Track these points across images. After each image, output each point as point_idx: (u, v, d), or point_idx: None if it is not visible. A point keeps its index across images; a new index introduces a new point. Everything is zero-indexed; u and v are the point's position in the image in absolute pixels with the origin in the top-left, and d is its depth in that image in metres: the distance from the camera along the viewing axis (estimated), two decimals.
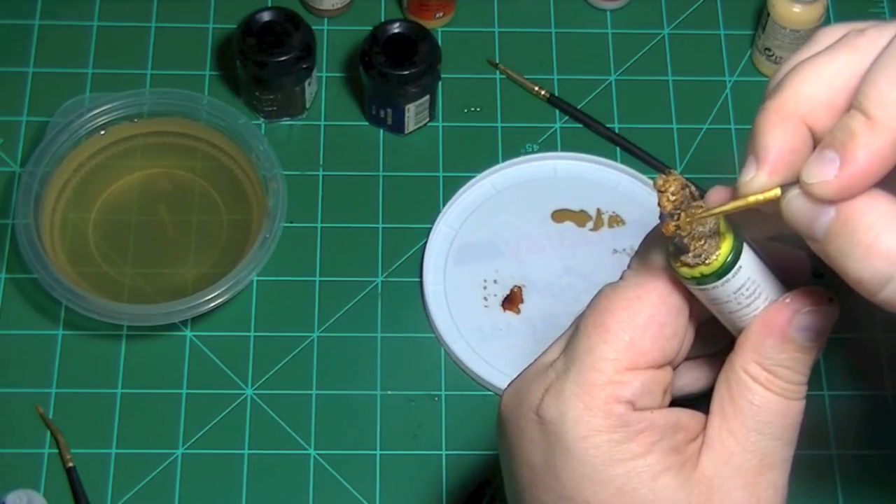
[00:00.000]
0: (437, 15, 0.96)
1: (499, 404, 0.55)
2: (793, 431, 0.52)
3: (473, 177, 0.91)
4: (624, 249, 0.89)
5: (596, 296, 0.53)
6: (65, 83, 0.93)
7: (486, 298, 0.87)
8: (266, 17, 0.89)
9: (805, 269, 0.55)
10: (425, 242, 0.88)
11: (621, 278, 0.53)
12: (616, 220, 0.90)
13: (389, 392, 0.84)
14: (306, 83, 0.91)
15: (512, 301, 0.87)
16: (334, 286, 0.87)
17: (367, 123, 0.93)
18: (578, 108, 0.95)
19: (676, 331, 0.52)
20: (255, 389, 0.84)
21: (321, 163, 0.92)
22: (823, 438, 0.83)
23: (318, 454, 0.82)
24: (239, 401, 0.83)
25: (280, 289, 0.87)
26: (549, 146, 0.93)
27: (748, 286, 0.50)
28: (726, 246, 0.49)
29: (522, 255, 0.89)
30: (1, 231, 0.88)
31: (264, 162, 0.87)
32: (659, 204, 0.48)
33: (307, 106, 0.93)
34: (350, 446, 0.82)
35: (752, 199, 0.48)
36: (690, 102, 0.95)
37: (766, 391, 0.51)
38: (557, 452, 0.51)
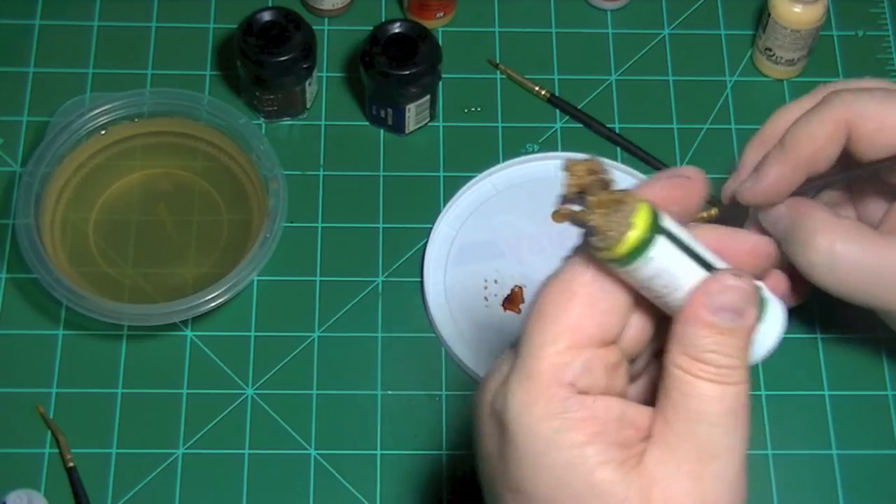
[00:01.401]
0: (438, 15, 0.96)
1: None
2: (733, 418, 0.51)
3: (474, 177, 0.91)
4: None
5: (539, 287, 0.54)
6: (65, 83, 0.93)
7: (486, 298, 0.87)
8: (266, 17, 0.89)
9: (765, 252, 0.55)
10: (426, 242, 0.88)
11: (559, 267, 0.54)
12: None
13: (390, 392, 0.84)
14: (307, 83, 0.91)
15: (512, 301, 0.87)
16: (335, 286, 0.87)
17: (367, 123, 0.93)
18: (579, 108, 0.95)
19: (614, 307, 0.52)
20: (255, 389, 0.84)
21: (321, 163, 0.92)
22: (823, 438, 0.83)
23: (318, 454, 0.82)
24: (239, 401, 0.83)
25: (280, 289, 0.87)
26: (549, 146, 0.93)
27: (662, 276, 0.50)
28: (634, 235, 0.49)
29: (523, 255, 0.89)
30: (1, 231, 0.88)
31: (265, 162, 0.87)
32: (563, 184, 0.49)
33: (307, 106, 0.93)
34: (350, 446, 0.82)
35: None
36: (691, 102, 0.95)
37: (697, 380, 0.51)
38: (505, 443, 0.52)
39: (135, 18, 0.97)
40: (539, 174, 0.92)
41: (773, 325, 0.55)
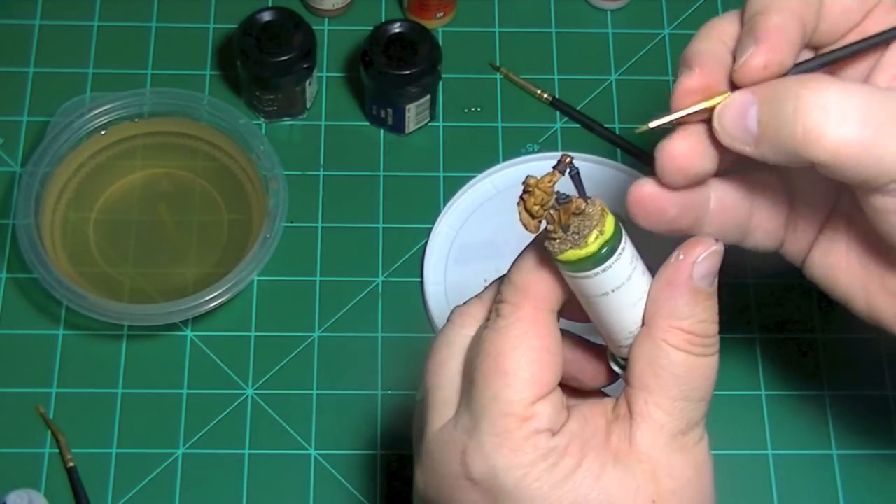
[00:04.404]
0: (438, 15, 0.96)
1: (419, 496, 0.56)
2: (712, 388, 0.53)
3: (474, 177, 0.91)
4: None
5: (479, 345, 0.53)
6: (65, 83, 0.93)
7: None
8: (266, 17, 0.89)
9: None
10: (426, 242, 0.88)
11: (497, 314, 0.53)
12: None
13: (390, 392, 0.84)
14: (307, 83, 0.91)
15: None
16: (335, 286, 0.87)
17: (367, 123, 0.93)
18: (578, 108, 0.94)
19: (559, 347, 0.53)
20: (255, 389, 0.84)
21: (322, 163, 0.92)
22: (823, 438, 0.84)
23: (318, 454, 0.82)
24: (239, 401, 0.83)
25: (280, 289, 0.87)
26: (549, 146, 0.93)
27: (622, 272, 0.51)
28: (608, 230, 0.51)
29: None
30: (1, 231, 0.88)
31: (265, 162, 0.87)
32: (525, 207, 0.49)
33: (308, 106, 0.93)
34: (350, 446, 0.82)
35: (689, 110, 0.55)
36: None
37: (689, 356, 0.52)
38: (503, 502, 0.51)
39: (135, 18, 0.97)
40: (539, 174, 0.91)
41: None
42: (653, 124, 0.53)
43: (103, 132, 0.89)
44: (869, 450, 0.83)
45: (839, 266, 0.61)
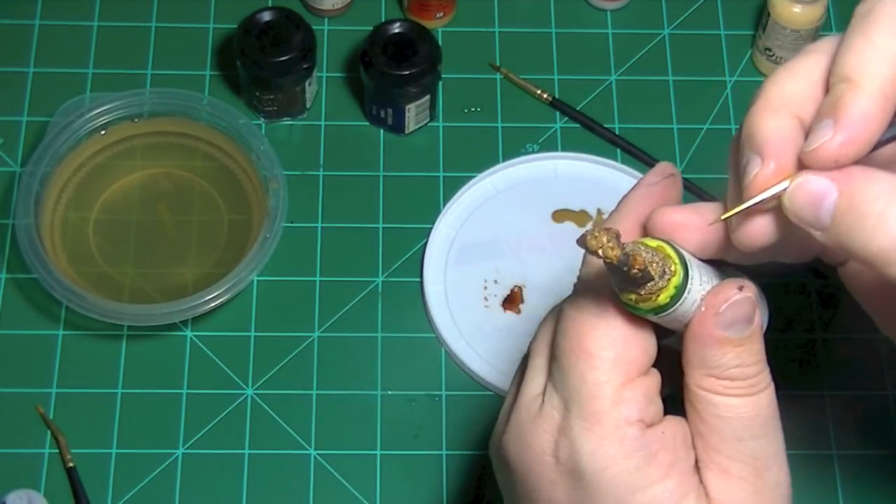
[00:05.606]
0: (438, 15, 0.96)
1: (497, 449, 0.54)
2: (773, 422, 0.52)
3: (474, 177, 0.91)
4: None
5: (560, 321, 0.52)
6: (65, 83, 0.93)
7: (486, 298, 0.87)
8: (266, 17, 0.89)
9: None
10: (425, 242, 0.88)
11: (577, 292, 0.52)
12: None
13: (390, 392, 0.84)
14: (307, 83, 0.91)
15: (512, 301, 0.87)
16: (334, 286, 0.87)
17: (367, 123, 0.93)
18: (578, 108, 0.95)
19: (647, 327, 0.51)
20: (255, 389, 0.84)
21: (321, 163, 0.92)
22: (823, 438, 0.83)
23: (318, 454, 0.82)
24: (239, 401, 0.83)
25: (280, 289, 0.87)
26: (549, 146, 0.93)
27: (692, 304, 0.50)
28: (676, 279, 0.48)
29: (523, 255, 0.89)
30: (1, 231, 0.88)
31: (265, 162, 0.87)
32: (604, 257, 0.46)
33: (307, 106, 0.93)
34: (350, 446, 0.82)
35: (757, 198, 0.48)
36: (690, 102, 0.95)
37: (729, 398, 0.50)
38: (581, 488, 0.50)
39: (135, 18, 0.97)
40: (539, 174, 0.92)
41: (763, 311, 0.54)
42: (725, 216, 0.50)
43: (103, 132, 0.89)
44: (869, 450, 0.83)
45: (871, 285, 0.57)
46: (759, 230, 0.49)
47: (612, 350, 0.50)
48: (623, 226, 0.52)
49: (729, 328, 0.50)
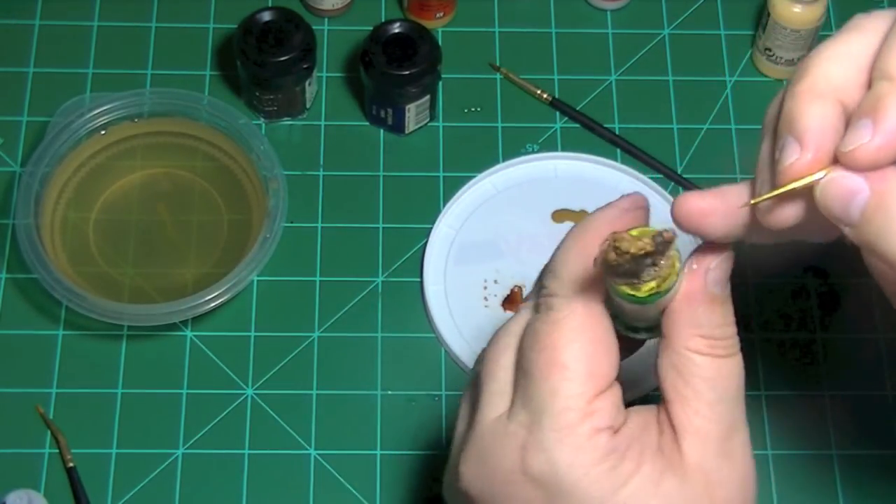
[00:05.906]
0: (438, 15, 0.96)
1: (453, 482, 0.54)
2: (743, 387, 0.53)
3: (474, 177, 0.91)
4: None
5: (528, 336, 0.53)
6: (65, 83, 0.93)
7: (486, 298, 0.87)
8: (266, 17, 0.89)
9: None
10: (425, 242, 0.88)
11: (548, 308, 0.52)
12: None
13: (390, 392, 0.84)
14: (307, 83, 0.91)
15: (512, 301, 0.87)
16: (334, 286, 0.87)
17: (367, 123, 0.93)
18: (578, 108, 0.95)
19: (615, 340, 0.52)
20: (255, 389, 0.84)
21: (321, 163, 0.92)
22: (823, 438, 0.83)
23: (318, 454, 0.82)
24: (239, 401, 0.83)
25: (280, 289, 0.87)
26: (549, 146, 0.93)
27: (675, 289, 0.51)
28: (676, 253, 0.49)
29: (523, 255, 0.89)
30: (1, 231, 0.88)
31: (264, 162, 0.87)
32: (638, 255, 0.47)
33: (307, 106, 0.93)
34: (350, 446, 0.82)
35: (791, 185, 0.47)
36: (690, 102, 0.95)
37: (714, 359, 0.52)
38: (561, 499, 0.51)
39: (135, 18, 0.97)
40: (539, 174, 0.92)
41: None
42: (755, 201, 0.50)
43: (103, 132, 0.89)
44: (869, 450, 0.83)
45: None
46: (789, 212, 0.49)
47: (585, 364, 0.51)
48: (586, 241, 0.53)
49: (717, 285, 0.52)
